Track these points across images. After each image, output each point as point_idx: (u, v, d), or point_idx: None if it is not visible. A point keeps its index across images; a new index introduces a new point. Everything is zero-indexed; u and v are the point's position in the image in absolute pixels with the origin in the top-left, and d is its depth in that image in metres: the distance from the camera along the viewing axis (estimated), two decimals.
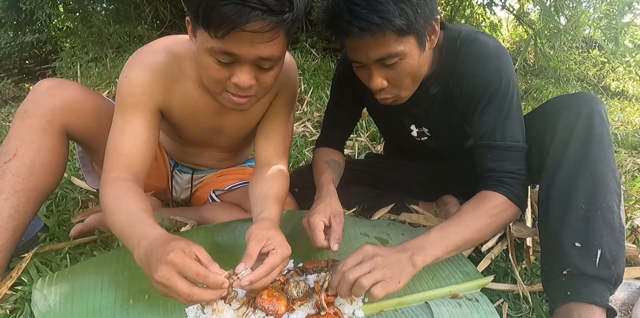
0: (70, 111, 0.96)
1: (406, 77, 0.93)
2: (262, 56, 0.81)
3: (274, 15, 0.74)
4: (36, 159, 0.93)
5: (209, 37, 0.78)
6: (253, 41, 0.77)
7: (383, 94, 0.97)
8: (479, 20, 5.04)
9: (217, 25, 0.75)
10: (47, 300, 0.82)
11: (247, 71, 0.83)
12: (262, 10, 0.73)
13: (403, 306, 0.84)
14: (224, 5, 0.72)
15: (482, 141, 0.97)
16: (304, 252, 0.98)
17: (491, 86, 0.95)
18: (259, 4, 0.72)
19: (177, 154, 1.28)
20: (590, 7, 3.87)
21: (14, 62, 5.67)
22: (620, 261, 0.78)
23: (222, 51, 0.79)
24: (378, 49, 0.86)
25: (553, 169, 0.87)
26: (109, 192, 0.86)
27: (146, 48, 0.96)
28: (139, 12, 4.31)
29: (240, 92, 0.87)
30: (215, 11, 0.73)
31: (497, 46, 0.98)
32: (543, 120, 0.94)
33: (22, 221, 0.92)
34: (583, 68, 5.41)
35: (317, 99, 2.90)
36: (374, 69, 0.91)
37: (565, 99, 0.93)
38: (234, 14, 0.72)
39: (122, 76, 0.93)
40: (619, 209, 0.82)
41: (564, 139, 0.87)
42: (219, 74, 0.84)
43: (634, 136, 2.61)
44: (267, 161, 1.06)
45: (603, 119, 0.87)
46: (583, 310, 0.74)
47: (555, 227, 0.83)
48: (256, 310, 0.77)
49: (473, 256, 1.06)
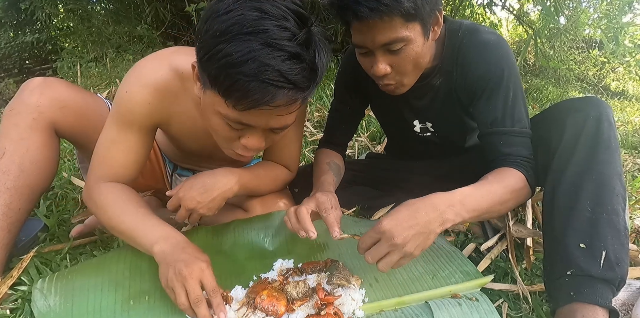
0: (57, 108, 0.96)
1: (409, 63, 0.93)
2: (278, 126, 0.80)
3: (299, 91, 0.71)
4: (25, 156, 0.93)
5: (223, 104, 0.73)
6: (272, 114, 0.74)
7: (386, 80, 0.97)
8: (479, 21, 5.04)
9: (238, 99, 0.70)
10: (48, 300, 0.82)
11: (258, 135, 0.81)
12: (288, 89, 0.69)
13: (403, 306, 0.84)
14: (248, 81, 0.67)
15: (492, 128, 0.98)
16: (303, 253, 0.99)
17: (495, 74, 0.97)
18: (285, 83, 0.68)
19: (177, 159, 1.28)
20: (590, 7, 3.88)
21: (14, 62, 5.66)
22: (625, 263, 0.78)
23: (237, 121, 0.76)
24: (385, 33, 0.86)
25: (560, 171, 0.87)
26: (103, 193, 0.89)
27: (150, 61, 0.93)
28: (138, 12, 4.31)
29: (247, 152, 0.85)
30: (237, 86, 0.68)
31: (498, 37, 1.00)
32: (550, 123, 0.94)
33: (16, 218, 0.92)
34: (583, 68, 5.41)
35: (317, 99, 2.90)
36: (379, 55, 0.91)
37: (574, 103, 0.94)
38: (258, 92, 0.68)
39: (122, 89, 0.91)
40: (624, 212, 0.82)
41: (571, 142, 0.87)
42: (229, 135, 0.81)
43: (634, 136, 2.61)
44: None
45: (611, 124, 0.87)
46: (586, 311, 0.73)
47: (560, 228, 0.83)
48: (256, 311, 0.77)
49: (473, 256, 1.06)
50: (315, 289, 0.81)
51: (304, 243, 1.02)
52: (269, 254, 0.99)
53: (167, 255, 0.80)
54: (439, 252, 0.98)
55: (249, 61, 0.66)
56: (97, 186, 0.92)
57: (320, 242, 1.03)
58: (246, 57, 0.66)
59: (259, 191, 1.11)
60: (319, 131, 2.31)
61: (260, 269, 0.92)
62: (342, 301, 0.80)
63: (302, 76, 0.70)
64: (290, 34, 0.68)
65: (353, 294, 0.82)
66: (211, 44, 0.69)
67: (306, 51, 0.70)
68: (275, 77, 0.67)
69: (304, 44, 0.70)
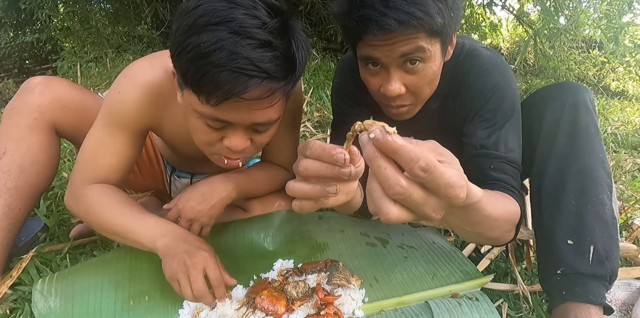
0: (58, 108, 0.96)
1: (425, 84, 0.84)
2: (259, 121, 0.75)
3: (274, 81, 0.67)
4: (26, 156, 0.93)
5: (198, 101, 0.70)
6: (250, 108, 0.71)
7: (399, 101, 0.86)
8: (479, 20, 5.04)
9: (209, 93, 0.67)
10: (48, 301, 0.82)
11: (240, 134, 0.77)
12: (261, 78, 0.66)
13: (403, 305, 0.84)
14: (217, 72, 0.64)
15: (482, 150, 0.90)
16: (303, 253, 0.99)
17: (492, 98, 0.90)
18: (257, 71, 0.65)
19: (174, 161, 1.27)
20: (590, 7, 3.87)
21: (14, 62, 5.66)
22: (615, 256, 0.77)
23: (214, 118, 0.73)
24: (406, 43, 0.76)
25: (542, 164, 0.86)
26: (92, 195, 0.87)
27: (144, 63, 0.90)
28: (138, 12, 4.31)
29: (232, 155, 0.81)
30: (207, 78, 0.65)
31: (499, 60, 0.94)
32: (530, 113, 0.92)
33: (17, 219, 0.92)
34: (583, 68, 5.41)
35: (317, 99, 2.90)
36: (393, 72, 0.80)
37: (550, 90, 0.92)
38: (229, 82, 0.64)
39: (114, 89, 0.88)
40: (611, 201, 0.81)
41: (551, 134, 0.86)
42: (210, 137, 0.78)
43: (634, 136, 2.61)
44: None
45: (589, 109, 0.85)
46: (579, 310, 0.74)
47: (548, 225, 0.83)
48: (256, 310, 0.77)
49: (473, 257, 1.06)
50: (315, 289, 0.81)
51: (304, 243, 1.02)
52: (269, 254, 0.99)
53: (170, 248, 0.79)
54: (439, 252, 0.99)
55: (217, 50, 0.63)
56: (84, 188, 0.89)
57: (320, 242, 1.03)
58: (214, 47, 0.63)
59: (258, 193, 1.11)
60: (319, 131, 2.31)
61: (260, 269, 0.92)
62: (342, 301, 0.80)
63: (275, 65, 0.66)
64: (260, 22, 0.65)
65: (353, 294, 0.82)
66: (180, 40, 0.67)
67: (279, 39, 0.67)
68: (245, 65, 0.64)
69: (276, 33, 0.67)
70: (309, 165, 0.51)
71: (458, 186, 0.45)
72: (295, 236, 1.04)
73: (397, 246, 1.01)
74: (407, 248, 1.01)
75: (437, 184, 0.45)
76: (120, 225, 0.86)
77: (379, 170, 0.46)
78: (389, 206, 0.47)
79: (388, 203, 0.47)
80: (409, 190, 0.45)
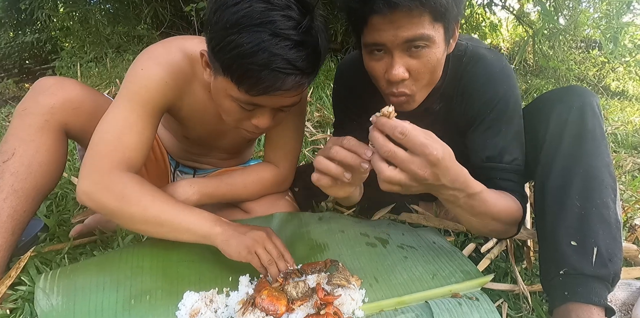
0: (70, 110, 0.96)
1: (427, 71, 0.84)
2: (287, 104, 0.86)
3: (306, 76, 0.79)
4: (35, 158, 0.92)
5: (236, 89, 0.80)
6: (282, 96, 0.81)
7: (401, 87, 0.86)
8: (479, 20, 5.04)
9: (250, 86, 0.77)
10: (50, 299, 0.82)
11: (268, 115, 0.88)
12: (296, 74, 0.77)
13: (403, 305, 0.84)
14: (259, 70, 0.74)
15: (488, 163, 0.93)
16: (303, 253, 0.99)
17: (499, 106, 0.92)
18: (293, 69, 0.76)
19: (179, 154, 1.28)
20: (590, 7, 3.88)
21: (14, 62, 5.66)
22: (617, 258, 0.77)
23: (249, 103, 0.83)
24: (410, 28, 0.77)
25: (547, 165, 0.87)
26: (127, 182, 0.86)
27: (160, 46, 0.95)
28: (137, 12, 4.32)
29: (256, 130, 0.92)
30: (249, 74, 0.75)
31: (504, 66, 0.95)
32: (536, 115, 0.93)
33: (21, 220, 0.92)
34: (583, 68, 5.41)
35: (317, 99, 2.90)
36: (397, 56, 0.81)
37: (557, 93, 0.92)
38: (269, 80, 0.75)
39: (136, 67, 0.91)
40: (615, 204, 0.81)
41: (556, 135, 0.87)
42: (240, 116, 0.88)
43: (634, 136, 2.61)
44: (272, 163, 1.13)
45: (595, 113, 0.86)
46: (581, 311, 0.73)
47: (551, 226, 0.83)
48: (256, 310, 0.77)
49: (473, 257, 1.06)
50: (315, 289, 0.81)
51: (304, 243, 1.02)
52: None
53: (232, 232, 0.86)
54: (439, 252, 0.99)
55: (259, 51, 0.73)
56: (114, 175, 0.85)
57: (320, 242, 1.03)
58: (257, 48, 0.73)
59: (241, 196, 1.11)
60: (319, 131, 2.31)
61: None
62: (342, 301, 0.80)
63: (307, 62, 0.78)
64: (295, 23, 0.75)
65: (353, 294, 0.82)
66: (222, 36, 0.75)
67: (310, 37, 0.77)
68: (284, 65, 0.74)
69: (307, 31, 0.76)
70: (339, 151, 0.69)
71: (430, 145, 0.62)
72: (294, 238, 1.04)
73: (397, 247, 1.01)
74: (407, 248, 1.01)
75: (414, 144, 0.62)
76: (168, 212, 0.86)
77: (375, 140, 0.65)
78: (384, 166, 0.65)
79: (383, 164, 0.65)
80: (394, 149, 0.63)
